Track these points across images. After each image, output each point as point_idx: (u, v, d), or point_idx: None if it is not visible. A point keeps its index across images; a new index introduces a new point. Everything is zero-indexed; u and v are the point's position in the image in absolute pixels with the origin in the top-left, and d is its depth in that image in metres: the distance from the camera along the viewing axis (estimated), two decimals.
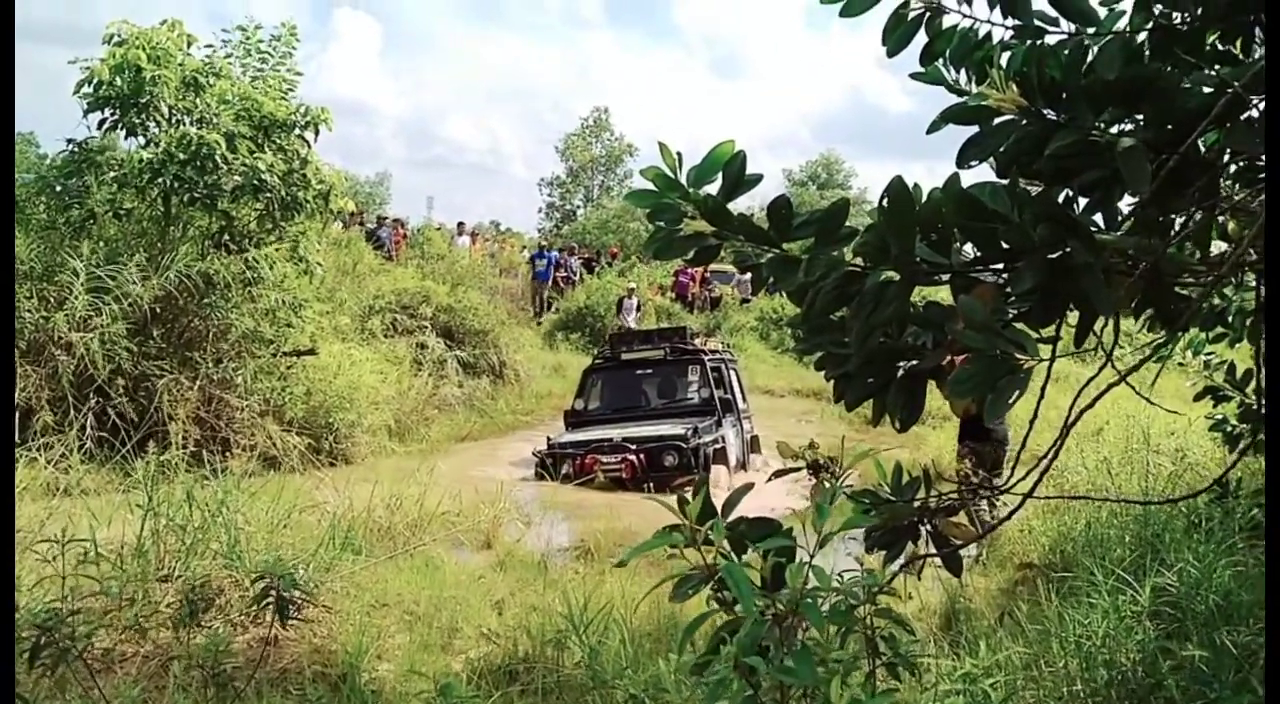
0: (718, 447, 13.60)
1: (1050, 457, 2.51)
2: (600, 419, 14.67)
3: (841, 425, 18.33)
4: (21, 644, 3.67)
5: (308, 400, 12.34)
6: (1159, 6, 2.42)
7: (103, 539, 5.49)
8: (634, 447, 12.89)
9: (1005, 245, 2.38)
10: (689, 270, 30.57)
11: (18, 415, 9.44)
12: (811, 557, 2.02)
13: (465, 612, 5.95)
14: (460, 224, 31.38)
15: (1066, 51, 2.44)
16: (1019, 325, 2.37)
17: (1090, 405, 2.44)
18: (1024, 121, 2.42)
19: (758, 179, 2.51)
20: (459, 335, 19.30)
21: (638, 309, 26.33)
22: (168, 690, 4.47)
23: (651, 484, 12.15)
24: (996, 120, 2.47)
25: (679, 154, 2.45)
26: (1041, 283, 2.27)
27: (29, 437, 9.05)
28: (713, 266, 30.36)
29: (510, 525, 8.66)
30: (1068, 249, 2.25)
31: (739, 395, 16.07)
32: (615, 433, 13.40)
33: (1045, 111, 2.38)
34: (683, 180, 2.44)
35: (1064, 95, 2.40)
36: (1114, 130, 2.41)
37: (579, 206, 60.12)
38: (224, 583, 5.41)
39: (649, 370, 15.46)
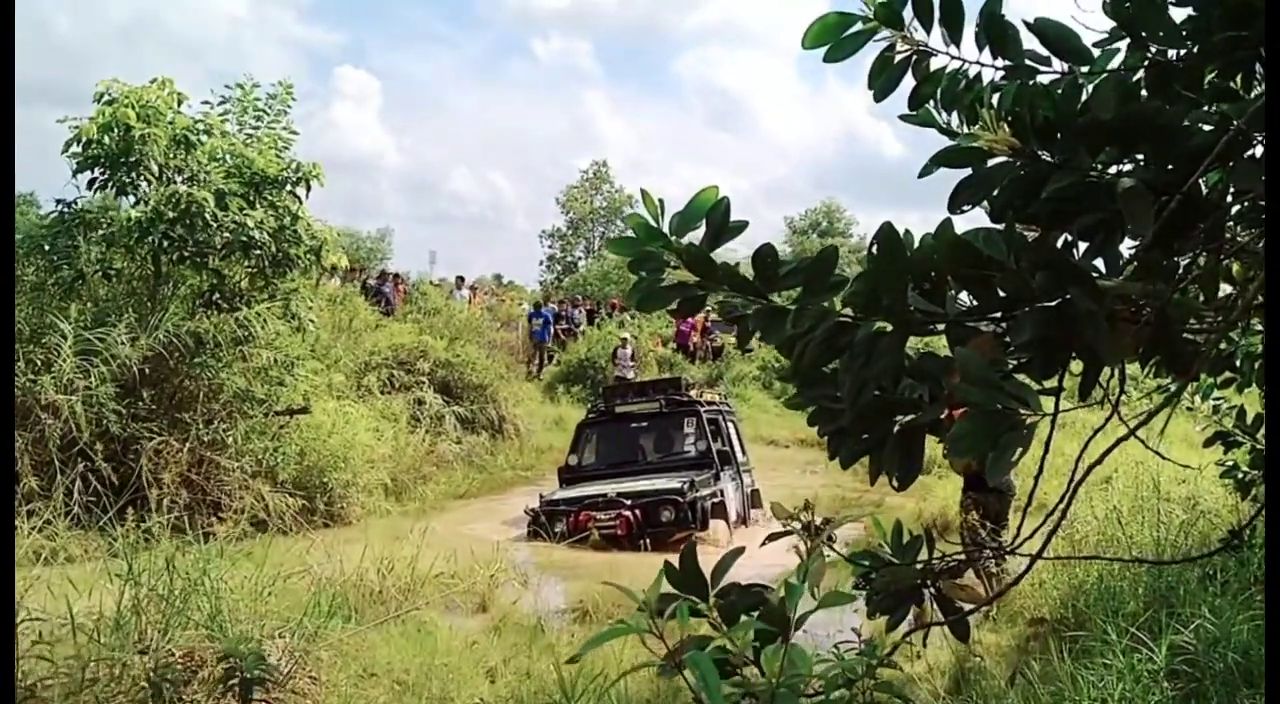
0: (716, 501, 13.34)
1: (1059, 516, 2.36)
2: (595, 475, 14.41)
3: (846, 477, 18.11)
4: None
5: (301, 460, 12.18)
6: (1155, 46, 2.31)
7: (83, 610, 5.31)
8: (629, 502, 12.60)
9: (1002, 293, 2.26)
10: (690, 320, 30.44)
11: None
12: (787, 639, 1.85)
13: (457, 680, 5.75)
14: (459, 278, 31.35)
15: (1060, 90, 2.32)
16: (1020, 377, 2.24)
17: (1099, 461, 2.29)
18: (1018, 163, 2.30)
19: (743, 226, 2.39)
20: (457, 390, 19.16)
21: (633, 359, 26.08)
22: None
23: (648, 541, 11.93)
24: (989, 162, 2.36)
25: (661, 201, 2.33)
26: (1042, 332, 2.14)
27: (14, 503, 8.85)
28: (714, 316, 30.29)
29: (506, 587, 8.45)
30: (1068, 296, 2.12)
31: (738, 448, 15.83)
32: (610, 488, 13.14)
33: (1040, 152, 2.26)
34: (665, 228, 2.32)
35: (1059, 135, 2.28)
36: (1111, 171, 2.29)
37: (580, 258, 60.32)
38: (206, 655, 5.21)
39: (644, 423, 15.24)
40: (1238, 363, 4.47)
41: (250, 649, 4.16)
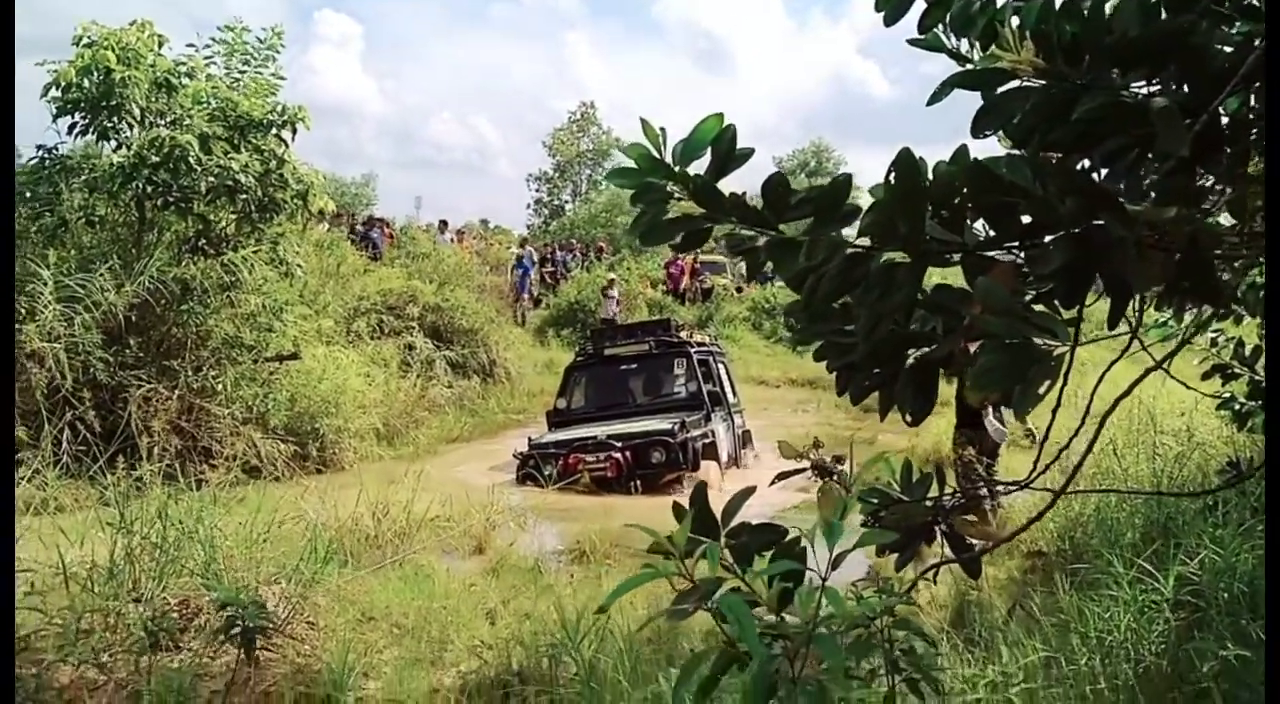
0: (707, 442, 13.28)
1: (1085, 451, 2.30)
2: (584, 417, 14.30)
3: (839, 414, 18.17)
4: None
5: (292, 406, 12.11)
6: None
7: (75, 559, 5.25)
8: (619, 444, 12.49)
9: (1025, 221, 2.18)
10: (679, 262, 30.37)
11: None
12: (825, 579, 1.79)
13: (456, 622, 5.72)
14: (442, 222, 31.08)
15: (1087, 7, 2.22)
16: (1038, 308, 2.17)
17: (1126, 393, 2.23)
18: (1042, 84, 2.21)
19: (748, 154, 2.29)
20: (447, 335, 19.05)
21: (617, 301, 25.96)
22: None
23: (639, 482, 11.92)
24: (1010, 84, 2.27)
25: (662, 130, 2.23)
26: (1069, 261, 2.06)
27: None
28: (704, 257, 30.27)
29: (502, 529, 8.43)
30: (1097, 223, 2.04)
31: (729, 389, 15.73)
32: (600, 430, 13.04)
33: (1066, 73, 2.16)
34: (668, 159, 2.22)
35: (1085, 56, 2.18)
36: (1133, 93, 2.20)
37: (567, 201, 59.91)
38: (202, 603, 5.17)
39: (633, 365, 15.09)
40: (1240, 293, 4.40)
41: (249, 598, 4.09)
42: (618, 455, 12.31)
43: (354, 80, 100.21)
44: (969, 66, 2.53)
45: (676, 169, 2.22)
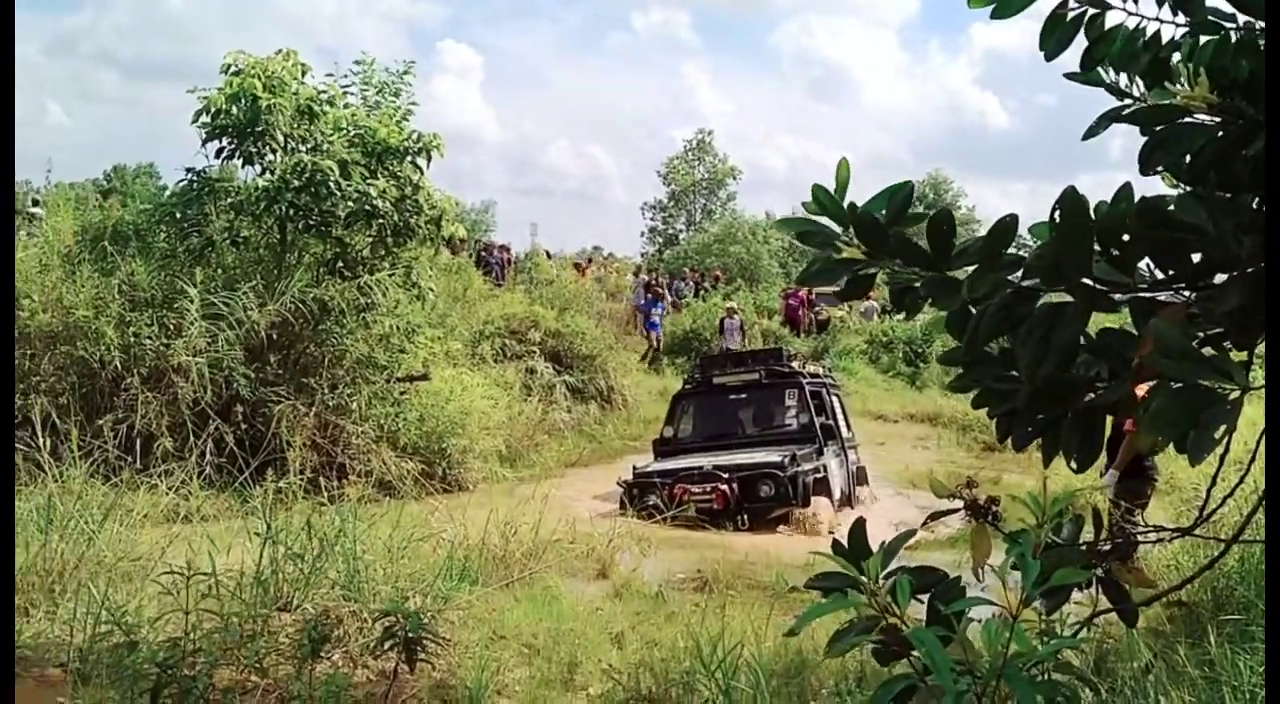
0: (818, 477, 12.83)
1: (1259, 498, 2.24)
2: (691, 447, 13.96)
3: (960, 451, 17.85)
4: (143, 683, 3.62)
5: (421, 426, 12.34)
6: None
7: (220, 567, 5.46)
8: (726, 475, 12.12)
9: (1195, 260, 2.15)
10: (798, 293, 30.13)
11: (139, 442, 9.62)
12: (1015, 617, 1.79)
13: (584, 645, 5.77)
14: (545, 252, 31.37)
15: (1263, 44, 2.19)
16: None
17: None
18: (1215, 122, 2.18)
19: (922, 218, 2.34)
20: (567, 360, 19.27)
21: (740, 330, 25.63)
22: None
23: (745, 516, 11.65)
24: (1182, 120, 2.25)
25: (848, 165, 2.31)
26: (1248, 301, 2.02)
27: (150, 463, 9.18)
28: (818, 289, 29.96)
29: (623, 554, 8.46)
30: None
31: (842, 422, 15.18)
32: (706, 461, 12.72)
33: (1243, 109, 2.14)
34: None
35: (1262, 92, 2.15)
36: None
37: (681, 230, 59.98)
38: (342, 614, 5.32)
39: (743, 395, 14.70)
40: None
41: (408, 610, 4.21)
42: (724, 487, 11.97)
43: (474, 108, 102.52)
44: (1128, 102, 2.52)
45: (850, 214, 2.27)
